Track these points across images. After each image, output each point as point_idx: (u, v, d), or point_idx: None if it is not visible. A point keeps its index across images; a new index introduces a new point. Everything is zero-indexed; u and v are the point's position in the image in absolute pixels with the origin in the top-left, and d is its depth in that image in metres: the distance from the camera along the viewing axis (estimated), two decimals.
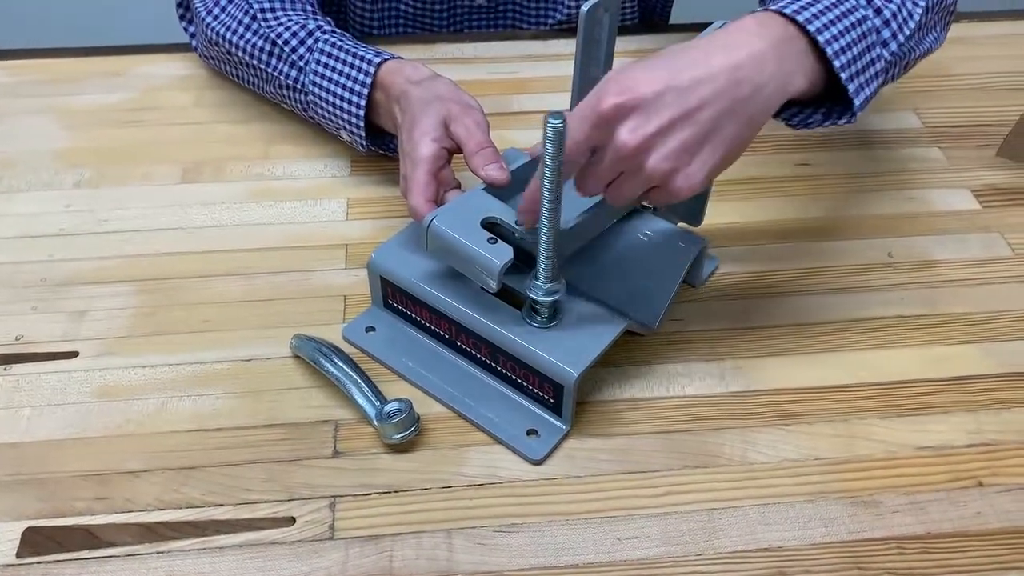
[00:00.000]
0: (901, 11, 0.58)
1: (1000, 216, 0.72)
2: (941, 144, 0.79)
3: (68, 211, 0.71)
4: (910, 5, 0.59)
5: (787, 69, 0.52)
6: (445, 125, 0.63)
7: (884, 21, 0.57)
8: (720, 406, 0.58)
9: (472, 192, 0.58)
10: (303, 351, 0.58)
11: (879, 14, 0.57)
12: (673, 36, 0.90)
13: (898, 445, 0.56)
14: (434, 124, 0.63)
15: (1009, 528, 0.52)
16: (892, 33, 0.57)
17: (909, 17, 0.58)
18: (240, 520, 0.52)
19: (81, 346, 0.61)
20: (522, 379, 0.56)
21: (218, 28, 0.75)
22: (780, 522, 0.52)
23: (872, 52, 0.56)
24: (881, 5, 0.57)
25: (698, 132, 0.50)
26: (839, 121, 0.57)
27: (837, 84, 0.54)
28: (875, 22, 0.56)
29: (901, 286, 0.66)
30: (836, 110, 0.57)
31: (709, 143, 0.50)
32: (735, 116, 0.51)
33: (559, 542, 0.51)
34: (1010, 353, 0.62)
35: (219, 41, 0.75)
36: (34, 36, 1.15)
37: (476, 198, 0.56)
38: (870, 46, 0.56)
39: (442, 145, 0.62)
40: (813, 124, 0.58)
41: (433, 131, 0.62)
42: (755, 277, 0.67)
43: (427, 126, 0.62)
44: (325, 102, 0.71)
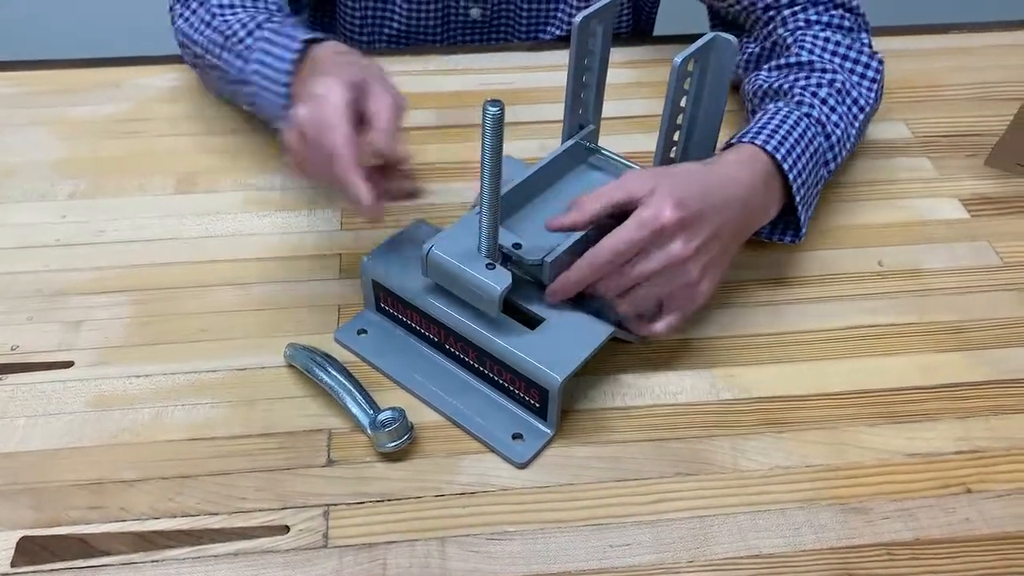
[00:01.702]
0: (844, 133, 0.68)
1: (989, 225, 0.73)
2: (930, 154, 0.80)
3: (64, 222, 0.71)
4: (850, 127, 0.69)
5: (769, 200, 0.61)
6: (360, 88, 0.56)
7: (830, 145, 0.67)
8: (711, 414, 0.58)
9: (468, 217, 0.59)
10: (297, 360, 0.59)
11: (828, 139, 0.66)
12: (663, 47, 0.91)
13: (888, 452, 0.57)
14: (348, 81, 0.56)
15: (998, 534, 0.52)
16: (834, 155, 0.67)
17: (848, 139, 0.69)
18: (234, 529, 0.52)
19: (76, 356, 0.61)
20: (509, 383, 0.57)
21: (185, 29, 0.75)
22: (771, 529, 0.52)
23: (818, 175, 0.65)
24: (831, 131, 0.67)
25: (720, 250, 0.57)
26: (784, 239, 0.66)
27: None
28: (824, 146, 0.66)
29: (891, 294, 0.67)
30: (780, 226, 0.66)
31: (722, 258, 0.58)
32: (739, 238, 0.60)
33: (552, 550, 0.51)
34: (998, 361, 0.62)
35: (186, 42, 0.75)
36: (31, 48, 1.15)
37: (473, 223, 0.57)
38: (818, 170, 0.65)
39: (354, 97, 0.55)
40: (761, 235, 0.66)
41: (346, 86, 0.55)
42: (745, 286, 0.67)
43: (340, 77, 0.56)
44: (259, 83, 0.65)
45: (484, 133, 0.51)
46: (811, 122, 0.64)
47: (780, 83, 0.69)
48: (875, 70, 0.72)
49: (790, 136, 0.62)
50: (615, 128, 0.78)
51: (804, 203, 0.64)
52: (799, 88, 0.68)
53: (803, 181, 0.62)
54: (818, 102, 0.66)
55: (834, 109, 0.67)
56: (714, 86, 0.60)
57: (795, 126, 0.63)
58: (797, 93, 0.67)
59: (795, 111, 0.64)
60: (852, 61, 0.71)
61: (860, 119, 0.69)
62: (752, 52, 0.76)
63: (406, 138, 0.56)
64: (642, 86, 0.86)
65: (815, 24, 0.73)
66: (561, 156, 0.63)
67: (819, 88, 0.67)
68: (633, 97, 0.85)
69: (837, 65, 0.70)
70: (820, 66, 0.70)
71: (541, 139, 0.80)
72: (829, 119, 0.66)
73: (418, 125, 0.81)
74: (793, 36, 0.72)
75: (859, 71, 0.71)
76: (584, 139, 0.65)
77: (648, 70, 0.88)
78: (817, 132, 0.65)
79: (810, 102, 0.66)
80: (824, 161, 0.66)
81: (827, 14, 0.73)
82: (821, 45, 0.71)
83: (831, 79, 0.68)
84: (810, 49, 0.71)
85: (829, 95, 0.67)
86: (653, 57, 0.90)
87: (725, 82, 0.59)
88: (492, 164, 0.52)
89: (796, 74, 0.70)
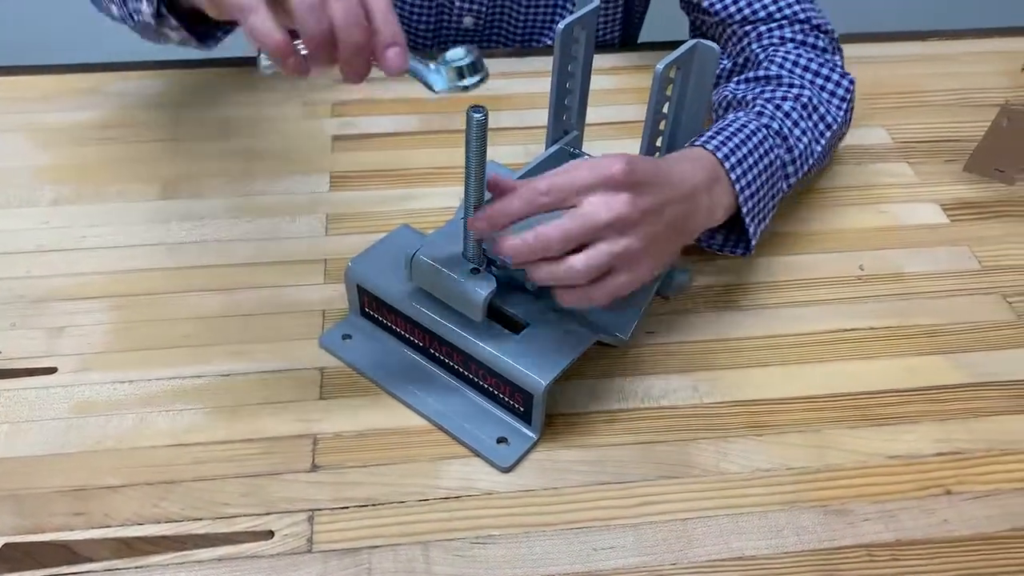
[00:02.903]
0: (808, 147, 0.67)
1: (968, 229, 0.74)
2: (911, 159, 0.81)
3: (46, 228, 0.71)
4: (814, 142, 0.68)
5: (714, 204, 0.59)
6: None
7: (792, 158, 0.66)
8: (694, 417, 0.59)
9: (453, 222, 0.59)
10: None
11: (790, 152, 0.66)
12: (646, 53, 0.92)
13: (868, 454, 0.57)
14: None
15: (976, 535, 0.53)
16: (795, 169, 0.66)
17: (812, 154, 0.68)
18: (218, 534, 0.52)
19: (59, 362, 0.61)
20: (493, 388, 0.57)
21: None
22: (753, 531, 0.53)
23: (774, 188, 0.64)
24: (793, 144, 0.66)
25: (664, 231, 0.54)
26: (735, 252, 0.66)
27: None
28: (784, 158, 0.65)
29: (872, 298, 0.68)
30: (732, 239, 0.66)
31: (665, 244, 0.55)
32: (682, 231, 0.57)
33: (536, 553, 0.52)
34: (977, 364, 0.63)
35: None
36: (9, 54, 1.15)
37: (458, 228, 0.57)
38: (774, 183, 0.64)
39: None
40: (714, 247, 0.67)
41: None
42: (728, 289, 0.68)
43: None
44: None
45: (468, 139, 0.51)
46: (770, 133, 0.64)
47: (745, 94, 0.69)
48: (845, 89, 0.71)
49: (744, 145, 0.61)
50: (599, 134, 0.79)
51: (754, 214, 0.62)
52: (763, 100, 0.67)
53: (753, 191, 0.61)
54: (781, 115, 0.66)
55: (797, 123, 0.66)
56: (696, 92, 0.60)
57: (751, 136, 0.62)
58: (760, 104, 0.67)
59: (754, 121, 0.64)
60: (823, 78, 0.71)
61: (827, 135, 0.69)
62: (724, 67, 0.77)
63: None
64: (626, 92, 0.87)
65: (788, 42, 0.73)
66: (545, 161, 0.64)
67: (783, 101, 0.67)
68: (617, 103, 0.85)
69: (807, 81, 0.70)
70: (788, 81, 0.70)
71: (526, 144, 0.80)
72: (792, 132, 0.66)
73: (403, 130, 0.81)
74: (765, 52, 0.73)
75: (829, 88, 0.71)
76: (568, 145, 0.66)
77: (632, 76, 0.89)
78: (776, 144, 0.64)
79: (771, 113, 0.66)
80: (784, 175, 0.65)
81: (801, 33, 0.73)
82: (792, 60, 0.71)
83: (797, 93, 0.68)
84: (780, 64, 0.71)
85: (793, 108, 0.67)
86: (637, 63, 0.91)
87: (707, 89, 0.60)
88: (476, 170, 0.52)
89: (763, 87, 0.70)
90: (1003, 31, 0.97)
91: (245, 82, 0.87)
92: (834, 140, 0.71)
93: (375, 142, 0.80)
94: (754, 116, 0.65)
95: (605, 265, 0.52)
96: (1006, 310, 0.67)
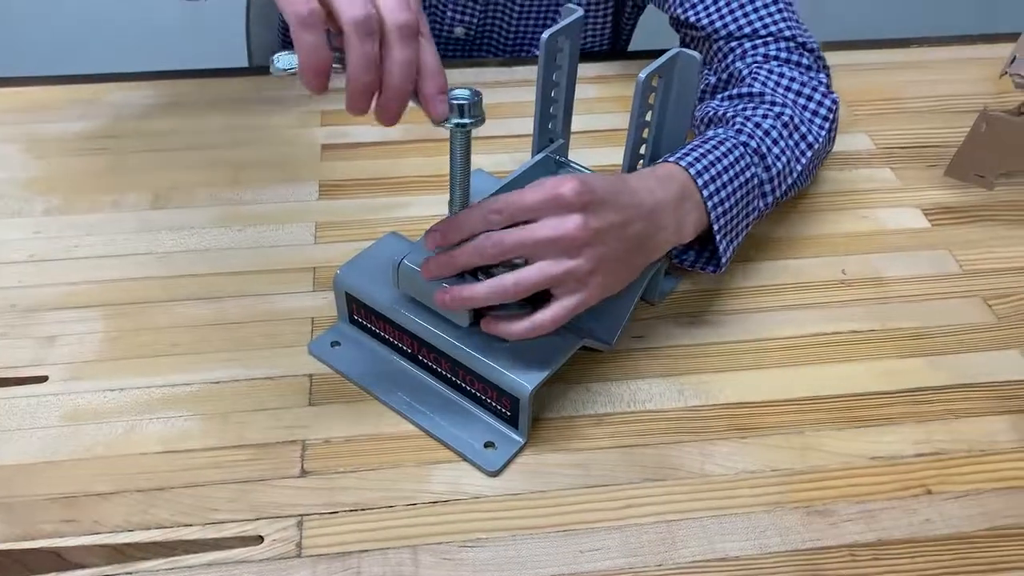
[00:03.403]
0: (787, 166, 0.67)
1: (948, 234, 0.75)
2: (892, 165, 0.82)
3: (38, 237, 0.72)
4: (794, 161, 0.68)
5: (681, 221, 0.59)
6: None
7: (769, 177, 0.65)
8: (679, 420, 0.60)
9: None
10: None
11: (767, 170, 0.65)
12: (631, 62, 0.93)
13: (851, 456, 0.58)
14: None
15: (957, 534, 0.54)
16: (773, 188, 0.66)
17: (791, 173, 0.67)
18: (208, 540, 0.52)
19: (50, 371, 0.61)
20: (480, 393, 0.58)
21: None
22: (737, 532, 0.54)
23: (750, 206, 0.64)
24: (771, 162, 0.65)
25: (619, 250, 0.55)
26: (707, 269, 0.65)
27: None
28: (761, 176, 0.65)
29: (854, 302, 0.69)
30: (705, 255, 0.66)
31: (619, 264, 0.55)
32: (643, 249, 0.57)
33: (523, 556, 0.52)
34: (958, 366, 0.64)
35: None
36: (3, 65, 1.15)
37: None
38: (750, 201, 0.64)
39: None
40: (685, 263, 0.66)
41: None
42: (713, 294, 0.69)
43: None
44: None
45: (452, 148, 0.52)
46: (747, 151, 0.63)
47: (726, 111, 0.69)
48: (828, 108, 0.71)
49: (719, 162, 0.61)
50: (584, 142, 0.80)
51: (726, 231, 0.62)
52: (742, 117, 0.67)
53: (727, 208, 0.61)
54: (760, 133, 0.65)
55: (776, 141, 0.66)
56: (679, 100, 0.61)
57: (728, 153, 0.62)
58: (739, 122, 0.67)
59: (732, 138, 0.63)
60: (805, 98, 0.71)
61: (808, 155, 0.68)
62: (709, 83, 0.77)
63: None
64: (611, 101, 0.88)
65: (772, 59, 0.73)
66: (531, 170, 0.65)
67: (764, 119, 0.67)
68: (602, 112, 0.86)
69: (790, 100, 0.70)
70: (771, 99, 0.69)
71: (512, 153, 0.81)
72: (771, 151, 0.65)
73: (391, 139, 0.82)
74: (749, 69, 0.73)
75: (811, 108, 0.70)
76: (554, 153, 0.67)
77: (617, 85, 0.90)
78: (753, 162, 0.64)
79: (750, 131, 0.65)
80: (761, 193, 0.65)
81: (786, 51, 0.73)
82: (775, 79, 0.71)
83: (779, 112, 0.68)
84: (763, 81, 0.71)
85: (773, 127, 0.66)
86: (622, 72, 0.92)
87: (689, 96, 0.61)
88: (461, 178, 0.53)
89: (745, 104, 0.70)
90: (983, 38, 0.98)
91: (236, 93, 0.88)
92: (816, 159, 0.71)
93: (364, 151, 0.81)
94: (733, 133, 0.65)
95: (538, 283, 0.53)
96: (986, 313, 0.68)
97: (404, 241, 0.64)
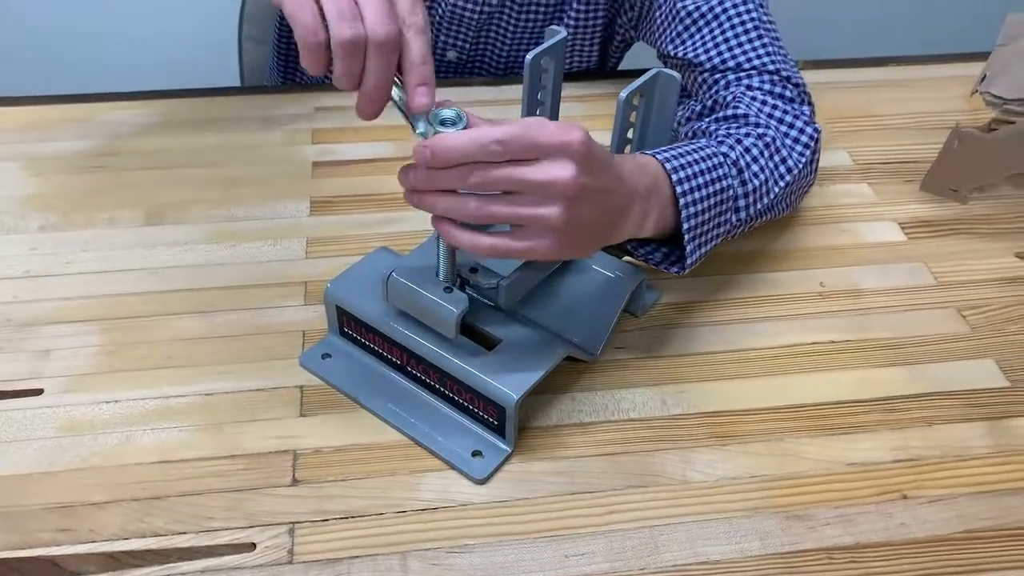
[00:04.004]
0: (764, 185, 0.67)
1: (924, 247, 0.77)
2: (870, 180, 0.84)
3: (34, 254, 0.73)
4: (772, 182, 0.68)
5: (647, 211, 0.59)
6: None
7: (745, 192, 0.66)
8: (661, 428, 0.61)
9: (428, 243, 0.62)
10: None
11: (743, 184, 0.66)
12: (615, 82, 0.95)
13: (829, 462, 0.60)
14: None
15: (931, 537, 0.55)
16: (747, 203, 0.66)
17: (768, 192, 0.68)
18: (202, 547, 0.53)
19: (46, 383, 0.63)
20: (468, 402, 0.59)
21: None
22: (718, 536, 0.55)
23: (721, 216, 0.64)
24: (748, 177, 0.66)
25: (591, 222, 0.55)
26: (671, 269, 0.65)
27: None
28: (736, 190, 0.65)
29: (832, 313, 0.70)
30: (673, 256, 0.65)
31: (585, 234, 0.55)
32: (609, 228, 0.57)
33: (510, 561, 0.54)
34: (933, 375, 0.66)
35: None
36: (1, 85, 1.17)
37: (432, 249, 0.59)
38: (723, 211, 0.64)
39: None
40: (652, 261, 0.65)
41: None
42: (695, 306, 0.70)
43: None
44: None
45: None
46: (726, 161, 0.64)
47: (709, 126, 0.71)
48: (809, 136, 0.71)
49: (696, 164, 0.61)
50: None
51: (695, 233, 0.62)
52: (723, 132, 0.69)
53: (699, 210, 0.61)
54: (741, 148, 0.66)
55: (756, 159, 0.67)
56: (659, 118, 0.63)
57: (706, 158, 0.63)
58: (721, 135, 0.68)
59: (712, 146, 0.64)
60: (787, 125, 0.72)
61: (787, 178, 0.69)
62: (694, 109, 0.78)
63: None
64: (596, 118, 0.90)
65: (756, 90, 0.74)
66: None
67: (745, 137, 0.68)
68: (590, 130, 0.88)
69: (772, 124, 0.71)
70: (754, 120, 0.70)
71: None
72: (749, 167, 0.66)
73: (380, 156, 0.84)
74: (734, 97, 0.74)
75: (792, 135, 0.71)
76: None
77: (602, 104, 0.92)
78: (730, 173, 0.64)
79: (731, 144, 0.66)
80: (735, 207, 0.65)
81: (769, 83, 0.74)
82: (758, 107, 0.72)
83: (761, 132, 0.69)
84: (747, 105, 0.72)
85: (754, 145, 0.67)
86: (607, 91, 0.94)
87: (669, 114, 0.63)
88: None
89: (730, 124, 0.71)
90: (956, 57, 1.01)
91: (228, 112, 0.90)
92: (796, 187, 0.72)
93: (354, 168, 0.83)
94: (714, 144, 0.66)
95: (504, 217, 0.52)
96: (960, 323, 0.70)
97: (394, 255, 0.65)
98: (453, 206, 0.52)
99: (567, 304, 0.63)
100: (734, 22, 0.76)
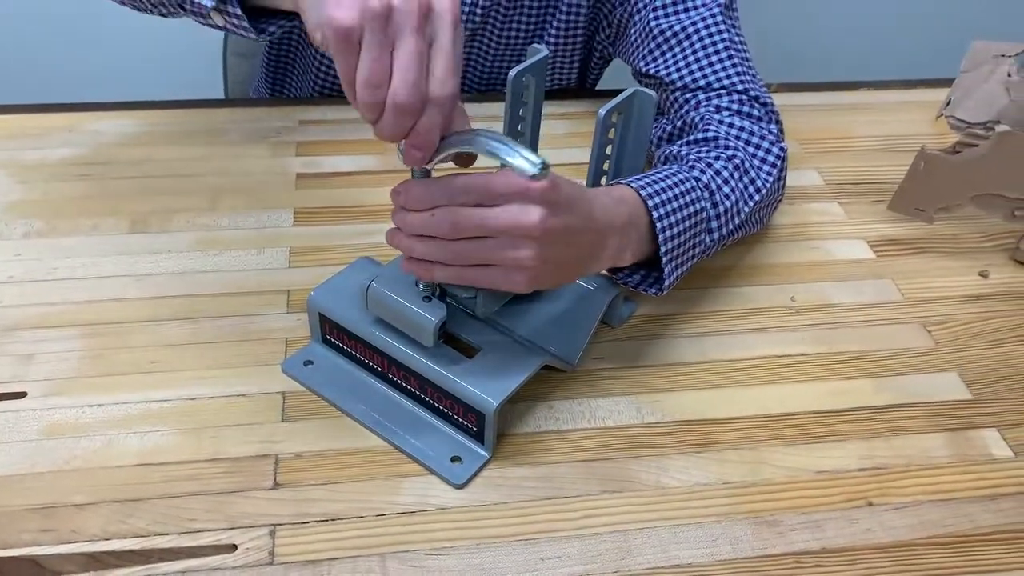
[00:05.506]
0: (735, 206, 0.70)
1: (892, 264, 0.79)
2: (840, 199, 0.87)
3: (18, 260, 0.74)
4: (742, 202, 0.71)
5: (625, 244, 0.61)
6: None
7: (716, 213, 0.68)
8: (637, 436, 0.63)
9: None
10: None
11: (715, 207, 0.68)
12: (595, 100, 0.97)
13: (798, 470, 0.61)
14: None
15: (896, 542, 0.57)
16: (719, 224, 0.69)
17: (738, 213, 0.70)
18: (183, 548, 0.54)
19: (29, 387, 0.63)
20: (448, 409, 0.60)
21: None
22: (690, 541, 0.56)
23: (696, 238, 0.66)
24: (719, 199, 0.68)
25: (563, 260, 0.56)
26: (650, 291, 0.67)
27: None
28: (709, 212, 0.67)
29: (803, 327, 0.72)
30: (651, 278, 0.67)
31: (558, 271, 0.57)
32: (583, 263, 0.59)
33: (487, 563, 0.55)
34: (899, 387, 0.68)
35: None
36: None
37: None
38: (697, 233, 0.66)
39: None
40: (630, 284, 0.67)
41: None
42: (670, 319, 0.72)
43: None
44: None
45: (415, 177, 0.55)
46: (698, 185, 0.66)
47: (680, 151, 0.73)
48: (776, 155, 0.73)
49: (671, 190, 0.63)
50: None
51: (673, 255, 0.64)
52: (694, 156, 0.71)
53: (675, 234, 0.63)
54: (711, 172, 0.68)
55: (727, 181, 0.69)
56: (636, 135, 0.65)
57: (679, 184, 0.64)
58: (692, 160, 0.70)
59: (684, 172, 0.66)
60: (754, 146, 0.73)
61: (755, 199, 0.71)
62: (666, 130, 0.80)
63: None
64: (576, 136, 0.92)
65: (724, 110, 0.76)
66: None
67: (715, 160, 0.70)
68: (567, 147, 0.90)
69: (740, 145, 0.73)
70: (723, 143, 0.72)
71: None
72: (720, 189, 0.68)
73: (363, 169, 0.86)
74: (702, 118, 0.76)
75: (760, 155, 0.73)
76: None
77: (582, 121, 0.94)
78: (703, 196, 0.66)
79: (702, 168, 0.68)
80: (708, 229, 0.67)
81: (738, 103, 0.76)
82: (726, 128, 0.74)
83: (731, 155, 0.71)
84: (716, 128, 0.74)
85: (724, 167, 0.69)
86: (586, 109, 0.96)
87: (646, 131, 0.65)
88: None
89: (700, 147, 0.73)
90: (924, 82, 1.04)
91: (214, 122, 0.91)
92: (765, 206, 0.74)
93: (337, 180, 0.84)
94: (686, 169, 0.68)
95: (473, 257, 0.54)
96: (925, 337, 0.72)
97: (376, 265, 0.66)
98: (431, 249, 0.55)
99: (546, 315, 0.65)
100: (705, 42, 0.79)
